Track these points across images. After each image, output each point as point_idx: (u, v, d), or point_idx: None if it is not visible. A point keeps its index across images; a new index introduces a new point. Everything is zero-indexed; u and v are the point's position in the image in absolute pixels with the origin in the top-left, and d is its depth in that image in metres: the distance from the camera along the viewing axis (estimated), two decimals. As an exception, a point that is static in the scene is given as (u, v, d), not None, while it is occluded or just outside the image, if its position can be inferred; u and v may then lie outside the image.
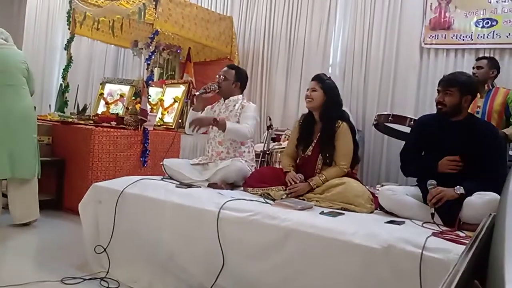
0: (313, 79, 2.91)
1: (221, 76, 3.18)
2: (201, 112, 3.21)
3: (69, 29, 5.29)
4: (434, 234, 1.93)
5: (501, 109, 3.68)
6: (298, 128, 2.96)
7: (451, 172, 2.37)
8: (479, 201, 2.14)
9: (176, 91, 5.14)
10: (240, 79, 3.25)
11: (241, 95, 3.25)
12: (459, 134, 2.42)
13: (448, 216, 2.22)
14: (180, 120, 4.89)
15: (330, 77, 2.96)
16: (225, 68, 3.27)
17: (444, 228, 2.12)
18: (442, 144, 2.46)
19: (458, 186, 2.26)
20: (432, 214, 2.23)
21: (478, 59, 3.96)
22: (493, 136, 2.44)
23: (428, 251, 1.75)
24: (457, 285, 0.50)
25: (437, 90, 2.51)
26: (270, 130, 4.03)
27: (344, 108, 3.05)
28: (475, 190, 2.22)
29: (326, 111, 2.81)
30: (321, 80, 2.87)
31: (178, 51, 5.80)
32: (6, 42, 3.55)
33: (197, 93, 3.15)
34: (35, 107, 3.74)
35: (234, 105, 3.16)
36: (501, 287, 0.39)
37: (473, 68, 3.85)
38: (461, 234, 2.02)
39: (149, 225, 2.54)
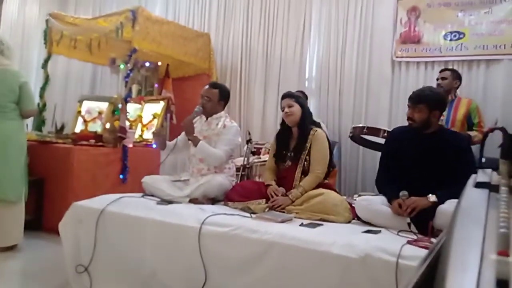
0: (286, 97, 3.04)
1: (205, 97, 3.20)
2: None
3: (46, 47, 5.27)
4: (409, 242, 1.99)
5: (464, 119, 3.86)
6: (275, 141, 3.08)
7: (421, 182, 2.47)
8: (451, 209, 2.22)
9: (155, 107, 5.16)
10: (224, 98, 3.29)
11: (223, 112, 3.29)
12: (431, 146, 2.52)
13: (423, 224, 2.30)
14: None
15: (298, 91, 3.12)
16: (207, 88, 3.26)
17: (419, 236, 2.19)
18: (415, 154, 2.55)
19: (430, 194, 2.36)
20: (409, 224, 2.31)
21: (441, 70, 4.13)
22: (463, 145, 2.56)
23: (403, 259, 1.82)
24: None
25: (407, 105, 2.60)
26: (249, 144, 4.08)
27: (318, 120, 3.18)
28: (447, 198, 2.31)
29: (303, 122, 2.96)
30: (294, 96, 3.03)
31: (156, 67, 5.85)
32: (2, 55, 3.50)
33: (186, 119, 3.11)
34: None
35: (217, 124, 3.20)
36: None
37: (437, 79, 4.01)
38: (434, 241, 2.09)
39: (130, 243, 2.55)
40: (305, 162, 2.88)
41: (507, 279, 0.47)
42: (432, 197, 2.35)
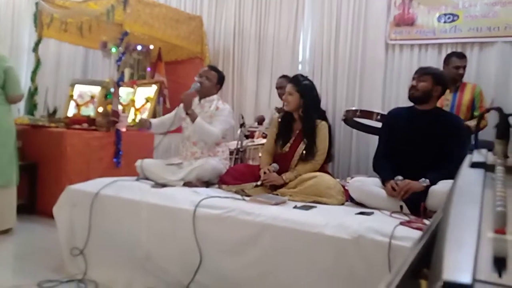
0: (289, 81, 2.96)
1: (204, 77, 3.19)
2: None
3: (36, 31, 5.20)
4: (401, 223, 2.01)
5: (469, 104, 3.86)
6: (277, 124, 3.03)
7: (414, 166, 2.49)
8: (443, 190, 2.24)
9: (148, 91, 5.13)
10: (220, 82, 3.30)
11: (216, 95, 3.28)
12: (426, 124, 2.55)
13: (415, 205, 2.33)
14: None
15: (307, 77, 3.00)
16: (207, 69, 3.28)
17: (411, 217, 2.21)
18: (411, 133, 2.58)
19: (423, 178, 2.38)
20: (401, 207, 2.34)
21: (461, 57, 4.00)
22: (458, 126, 2.58)
23: (396, 239, 1.84)
24: (406, 273, 0.57)
25: (413, 77, 2.65)
26: (242, 128, 4.07)
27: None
28: (440, 179, 2.35)
29: (306, 113, 2.88)
30: (297, 82, 2.92)
31: (148, 50, 5.79)
32: None
33: (185, 93, 3.10)
34: None
35: (210, 106, 3.19)
36: (440, 275, 0.46)
37: (458, 67, 3.90)
38: (427, 222, 2.11)
39: (125, 226, 2.56)
40: (304, 151, 2.85)
41: (504, 257, 0.48)
42: (425, 182, 2.37)
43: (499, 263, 0.47)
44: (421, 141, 2.52)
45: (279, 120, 3.04)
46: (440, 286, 0.44)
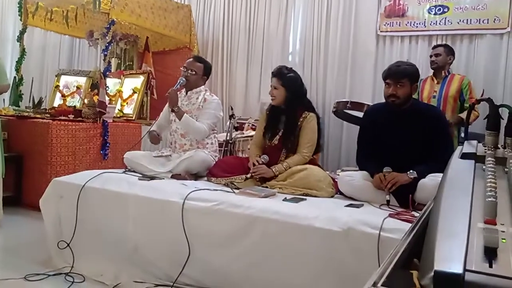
0: (274, 76, 2.91)
1: (190, 70, 3.11)
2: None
3: (21, 20, 5.10)
4: (390, 216, 2.01)
5: (456, 95, 3.88)
6: (265, 117, 3.00)
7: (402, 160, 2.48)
8: (432, 183, 2.24)
9: (135, 82, 5.06)
10: (207, 73, 3.23)
11: (203, 86, 3.23)
12: (408, 122, 2.50)
13: (404, 198, 2.32)
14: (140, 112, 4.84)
15: (291, 68, 2.96)
16: (192, 61, 3.18)
17: (400, 210, 2.21)
18: (393, 131, 2.52)
19: (411, 171, 2.37)
20: (388, 201, 2.32)
21: (434, 47, 4.12)
22: (439, 119, 2.54)
23: (385, 231, 1.84)
24: (396, 264, 0.56)
25: (387, 83, 2.52)
26: (232, 120, 4.05)
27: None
28: (427, 173, 2.33)
29: (289, 104, 2.85)
30: (281, 75, 2.87)
31: (135, 40, 5.72)
32: None
33: (171, 90, 3.06)
34: None
35: (197, 98, 3.14)
36: (431, 265, 0.45)
37: (431, 56, 4.00)
38: (416, 214, 2.12)
39: (112, 219, 2.53)
40: (290, 145, 2.83)
41: (495, 247, 0.47)
42: (412, 174, 2.36)
43: (490, 253, 0.47)
44: (404, 138, 2.48)
45: (267, 113, 3.01)
46: (431, 276, 0.44)
